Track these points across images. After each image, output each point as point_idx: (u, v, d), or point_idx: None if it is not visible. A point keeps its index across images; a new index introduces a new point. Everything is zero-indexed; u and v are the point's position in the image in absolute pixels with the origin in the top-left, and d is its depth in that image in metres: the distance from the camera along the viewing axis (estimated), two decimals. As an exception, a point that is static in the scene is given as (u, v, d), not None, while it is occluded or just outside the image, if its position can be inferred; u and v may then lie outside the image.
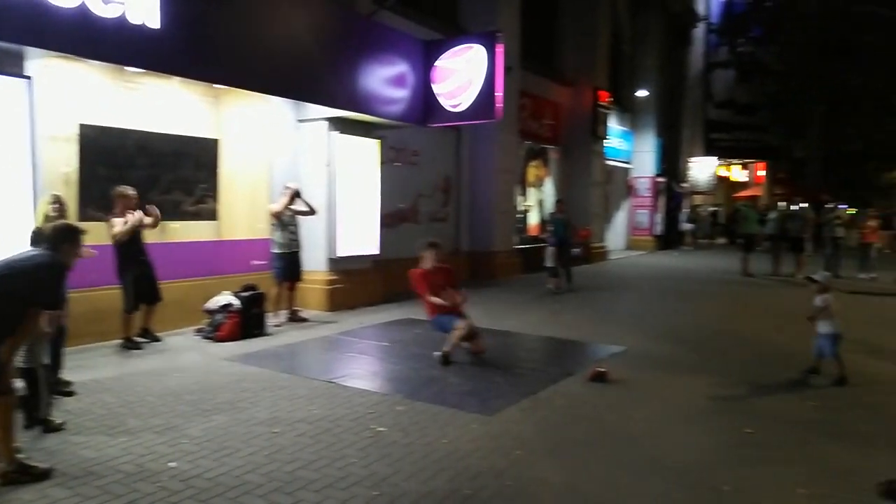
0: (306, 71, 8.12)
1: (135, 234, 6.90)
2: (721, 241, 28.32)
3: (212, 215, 8.56)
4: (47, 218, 5.82)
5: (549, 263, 11.90)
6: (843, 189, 36.27)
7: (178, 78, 7.42)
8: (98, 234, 6.45)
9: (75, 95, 6.96)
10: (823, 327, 6.04)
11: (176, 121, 8.01)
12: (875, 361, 6.85)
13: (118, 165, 7.41)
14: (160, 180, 7.87)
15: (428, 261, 6.81)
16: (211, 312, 7.54)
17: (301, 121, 9.50)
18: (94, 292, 6.97)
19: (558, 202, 13.14)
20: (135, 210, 6.95)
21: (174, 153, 8.03)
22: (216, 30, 6.94)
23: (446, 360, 6.43)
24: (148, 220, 7.00)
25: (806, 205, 16.85)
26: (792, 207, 16.54)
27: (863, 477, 3.92)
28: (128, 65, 6.64)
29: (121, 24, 5.95)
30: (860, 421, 5.00)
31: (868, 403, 5.44)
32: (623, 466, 4.04)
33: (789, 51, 22.03)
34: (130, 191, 6.93)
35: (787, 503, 3.61)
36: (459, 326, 6.51)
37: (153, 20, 6.19)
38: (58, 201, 5.97)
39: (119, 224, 6.73)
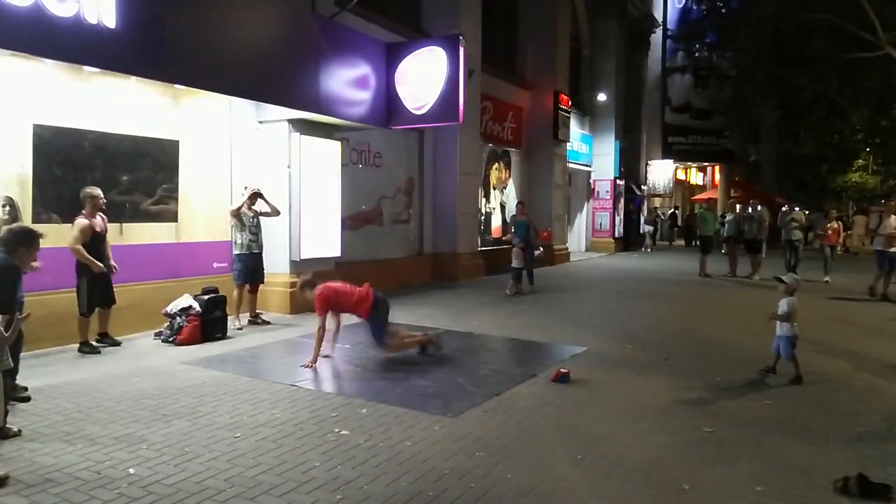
0: (267, 72, 8.04)
1: (96, 236, 6.77)
2: (679, 242, 28.91)
3: (172, 217, 8.42)
4: None
5: (515, 265, 11.97)
6: (797, 191, 37.41)
7: (135, 78, 7.30)
8: (54, 237, 6.30)
9: (29, 95, 6.78)
10: (782, 329, 6.19)
11: (134, 121, 7.87)
12: (829, 360, 7.06)
13: (75, 167, 7.26)
14: (119, 182, 7.72)
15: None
16: (171, 316, 7.40)
17: (262, 122, 9.40)
18: (50, 295, 6.81)
19: (520, 204, 13.26)
20: (103, 211, 6.88)
21: (133, 154, 7.89)
22: (174, 29, 6.82)
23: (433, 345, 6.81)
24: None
25: (761, 207, 17.14)
26: (749, 210, 16.68)
27: (818, 473, 4.02)
28: (84, 64, 6.49)
29: (77, 23, 5.82)
30: (815, 418, 5.12)
31: (823, 401, 5.59)
32: (585, 466, 4.09)
33: (743, 56, 22.57)
34: (98, 191, 6.82)
35: (745, 501, 3.68)
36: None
37: (109, 19, 6.06)
38: (9, 203, 5.82)
39: (79, 227, 6.63)
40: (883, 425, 5.01)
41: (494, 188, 17.31)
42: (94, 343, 6.92)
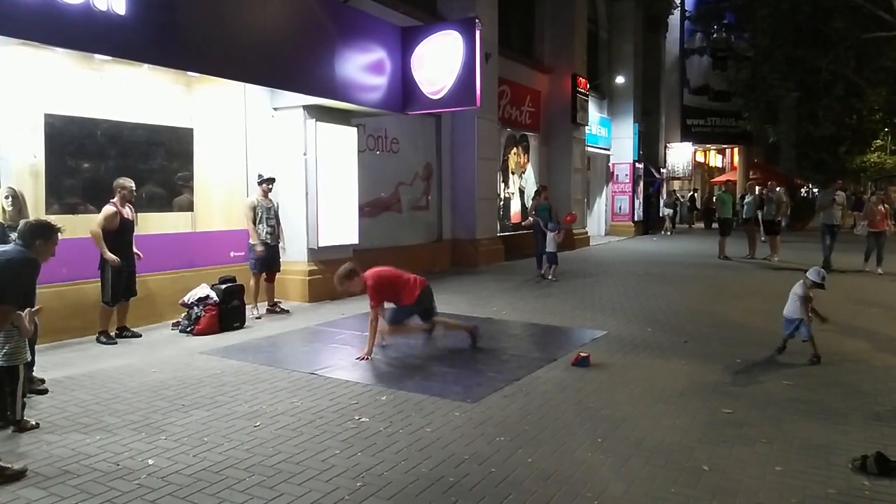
0: (281, 57, 7.98)
1: (124, 226, 6.82)
2: (699, 225, 28.62)
3: (188, 206, 8.42)
4: (3, 212, 5.68)
5: (550, 249, 11.78)
6: (815, 172, 36.87)
7: (147, 65, 7.27)
8: (69, 229, 6.27)
9: (40, 84, 6.77)
10: (800, 312, 6.09)
11: (147, 110, 7.84)
12: (848, 340, 6.94)
13: (88, 156, 7.26)
14: (133, 171, 7.67)
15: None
16: (188, 306, 7.41)
17: (277, 109, 9.36)
18: (66, 287, 6.85)
19: (543, 188, 13.13)
20: (132, 202, 6.96)
21: (147, 143, 7.88)
22: (186, 15, 6.77)
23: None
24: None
25: (780, 188, 16.80)
26: (767, 191, 16.28)
27: (837, 453, 3.99)
28: (94, 52, 6.45)
29: (86, 10, 5.78)
30: (834, 398, 5.07)
31: (842, 381, 5.52)
32: (605, 449, 4.05)
33: (761, 37, 22.18)
34: (129, 182, 6.89)
35: (765, 480, 3.64)
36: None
37: (119, 5, 6.02)
38: (12, 195, 5.79)
39: (105, 213, 6.70)
40: (903, 403, 4.93)
41: (513, 173, 17.19)
42: (112, 334, 6.96)
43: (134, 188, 6.96)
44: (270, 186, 8.43)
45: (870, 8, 17.35)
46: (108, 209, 6.72)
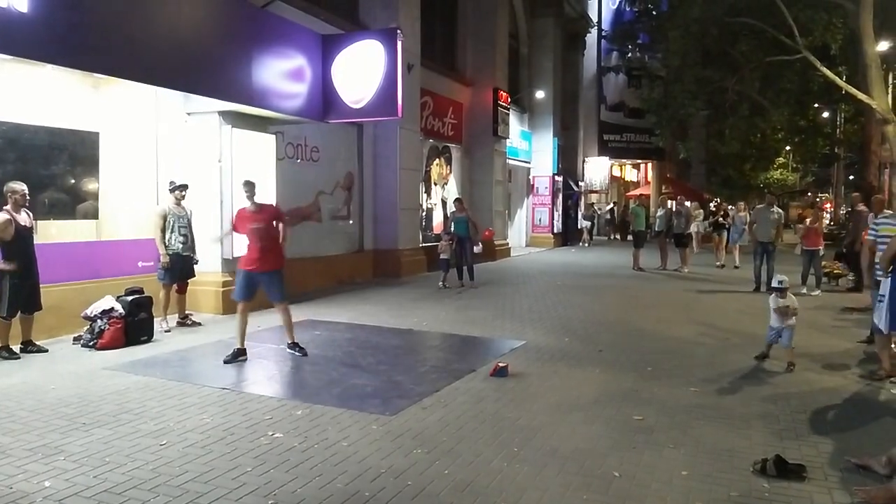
0: (194, 61, 7.72)
1: (21, 233, 6.41)
2: (615, 237, 29.61)
3: (92, 214, 8.01)
4: None
5: (444, 256, 11.94)
6: (723, 187, 38.96)
7: (51, 66, 6.88)
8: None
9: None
10: (787, 321, 6.44)
11: (50, 112, 7.43)
12: (752, 350, 7.25)
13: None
14: (33, 176, 7.26)
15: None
16: (91, 319, 7.01)
17: (190, 113, 9.04)
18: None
19: (458, 201, 13.26)
20: (26, 206, 6.52)
21: (48, 147, 7.48)
22: (92, 14, 6.44)
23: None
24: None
25: (689, 203, 17.53)
26: (681, 206, 16.94)
27: (740, 456, 4.17)
28: (-8, 51, 6.07)
29: (-17, 7, 5.43)
30: (737, 404, 5.31)
31: (745, 388, 5.80)
32: (521, 459, 4.09)
33: (672, 57, 23.26)
34: (19, 186, 6.43)
35: (672, 485, 3.77)
36: None
37: (20, 2, 5.68)
38: None
39: None
40: (799, 408, 5.22)
41: (435, 184, 17.26)
42: (14, 349, 6.52)
43: (26, 191, 6.49)
44: (183, 194, 8.10)
45: (773, 33, 18.48)
46: (1, 216, 6.28)
